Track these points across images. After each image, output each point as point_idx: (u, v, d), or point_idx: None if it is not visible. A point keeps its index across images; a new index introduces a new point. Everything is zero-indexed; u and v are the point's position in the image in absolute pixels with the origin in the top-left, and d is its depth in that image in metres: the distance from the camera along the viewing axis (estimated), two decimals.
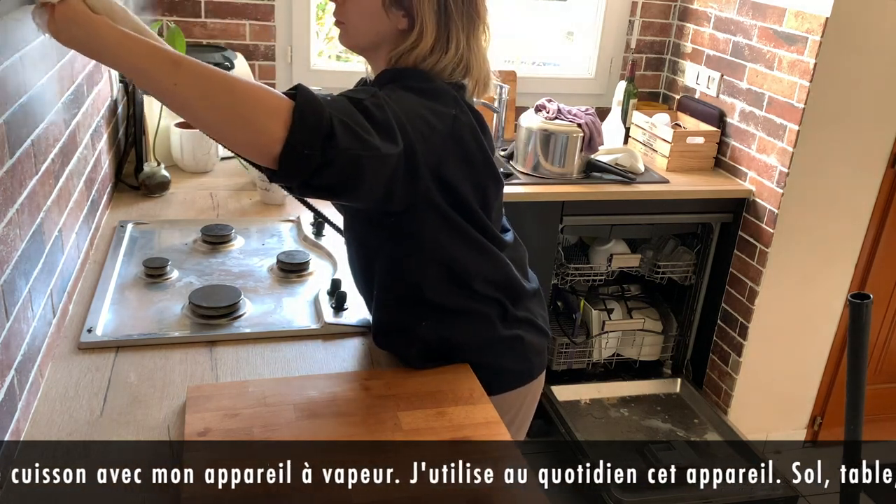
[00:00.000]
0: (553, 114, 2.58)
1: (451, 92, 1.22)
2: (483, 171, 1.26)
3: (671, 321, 3.01)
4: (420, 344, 1.32)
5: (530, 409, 1.48)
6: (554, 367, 2.89)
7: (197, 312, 1.44)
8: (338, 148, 0.99)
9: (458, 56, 1.23)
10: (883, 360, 2.97)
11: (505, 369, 1.38)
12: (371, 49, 1.27)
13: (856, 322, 1.63)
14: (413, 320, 1.31)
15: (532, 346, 1.40)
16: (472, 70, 1.26)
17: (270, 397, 1.19)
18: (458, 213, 1.25)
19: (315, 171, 1.01)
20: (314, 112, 0.99)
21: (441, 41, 1.21)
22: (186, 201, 2.01)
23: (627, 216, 2.65)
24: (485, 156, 1.25)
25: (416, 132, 1.11)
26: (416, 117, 1.12)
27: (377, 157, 1.04)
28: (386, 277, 1.31)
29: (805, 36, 2.42)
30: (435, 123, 1.15)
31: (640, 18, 3.04)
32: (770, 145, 2.58)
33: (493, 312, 1.34)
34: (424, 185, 1.16)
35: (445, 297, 1.30)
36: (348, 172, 1.03)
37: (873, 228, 2.69)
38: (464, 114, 1.22)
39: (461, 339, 1.33)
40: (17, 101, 1.11)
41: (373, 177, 1.06)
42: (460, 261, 1.28)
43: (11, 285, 1.07)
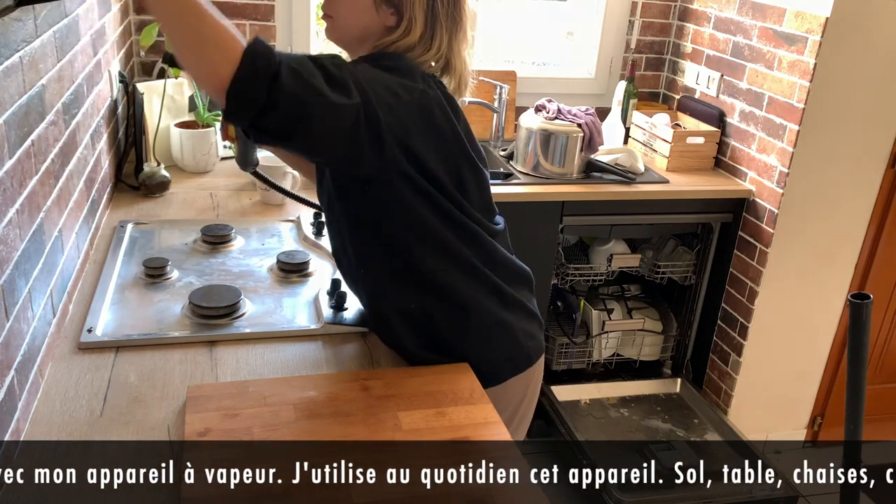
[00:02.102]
0: (553, 114, 2.58)
1: (420, 69, 1.25)
2: (454, 148, 1.28)
3: (671, 321, 3.01)
4: (413, 328, 1.33)
5: (532, 401, 1.48)
6: (554, 367, 2.89)
7: (197, 312, 1.44)
8: (282, 90, 1.03)
9: (440, 54, 1.28)
10: (883, 360, 2.97)
11: (502, 357, 1.39)
12: (356, 43, 1.30)
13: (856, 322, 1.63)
14: (405, 301, 1.33)
15: (526, 332, 1.41)
16: (452, 70, 1.31)
17: (270, 397, 1.19)
18: (438, 192, 1.26)
19: (261, 112, 1.05)
20: (264, 56, 1.03)
21: (425, 38, 1.26)
22: (186, 201, 2.01)
23: (627, 216, 2.65)
24: (455, 133, 1.28)
25: (378, 98, 1.14)
26: (379, 85, 1.16)
27: (324, 105, 1.07)
28: (375, 258, 1.32)
29: (805, 36, 2.42)
30: (401, 94, 1.18)
31: (640, 18, 3.04)
32: (770, 145, 2.58)
33: (485, 294, 1.35)
34: (391, 154, 1.18)
35: (434, 276, 1.31)
36: (293, 115, 1.06)
37: (873, 228, 2.69)
38: (432, 89, 1.25)
39: (453, 322, 1.34)
40: (17, 101, 1.11)
41: (322, 126, 1.10)
42: (445, 239, 1.29)
43: (11, 285, 1.07)
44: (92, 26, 1.74)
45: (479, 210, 1.35)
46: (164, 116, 2.18)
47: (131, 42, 2.48)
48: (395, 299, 1.34)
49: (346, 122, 1.10)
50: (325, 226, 1.42)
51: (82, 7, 1.62)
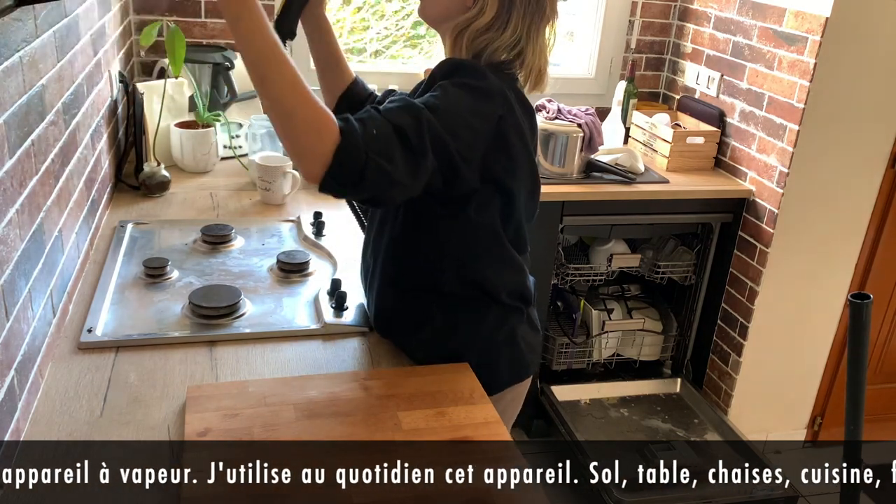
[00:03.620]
0: (553, 114, 2.58)
1: (502, 91, 1.28)
2: (525, 174, 1.34)
3: (671, 321, 3.01)
4: (425, 335, 1.36)
5: (521, 398, 1.51)
6: (554, 367, 2.89)
7: (197, 312, 1.44)
8: (365, 183, 1.13)
9: (514, 39, 1.30)
10: (883, 360, 2.97)
11: (503, 370, 1.41)
12: (441, 21, 1.36)
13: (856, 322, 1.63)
14: (424, 310, 1.36)
15: (529, 345, 1.45)
16: (525, 59, 1.33)
17: (270, 397, 1.19)
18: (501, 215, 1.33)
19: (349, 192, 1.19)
20: (352, 157, 1.10)
21: (500, 20, 1.29)
22: (186, 201, 2.01)
23: (627, 216, 2.65)
24: (529, 159, 1.35)
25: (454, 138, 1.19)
26: (459, 123, 1.21)
27: (402, 187, 1.17)
28: (418, 266, 1.36)
29: (805, 36, 2.42)
30: (477, 126, 1.23)
31: (640, 18, 3.04)
32: (770, 145, 2.58)
33: (505, 316, 1.39)
34: (465, 184, 1.25)
35: (463, 297, 1.36)
36: (376, 198, 1.21)
37: (873, 228, 2.69)
38: (511, 115, 1.29)
39: (467, 338, 1.37)
40: (17, 101, 1.11)
41: (401, 196, 1.22)
42: (489, 266, 1.36)
43: (11, 285, 1.07)
44: (92, 26, 1.74)
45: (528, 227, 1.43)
46: (164, 116, 2.18)
47: (131, 42, 2.48)
48: (423, 307, 1.37)
49: (421, 184, 1.19)
50: (368, 227, 1.46)
51: (82, 7, 1.62)
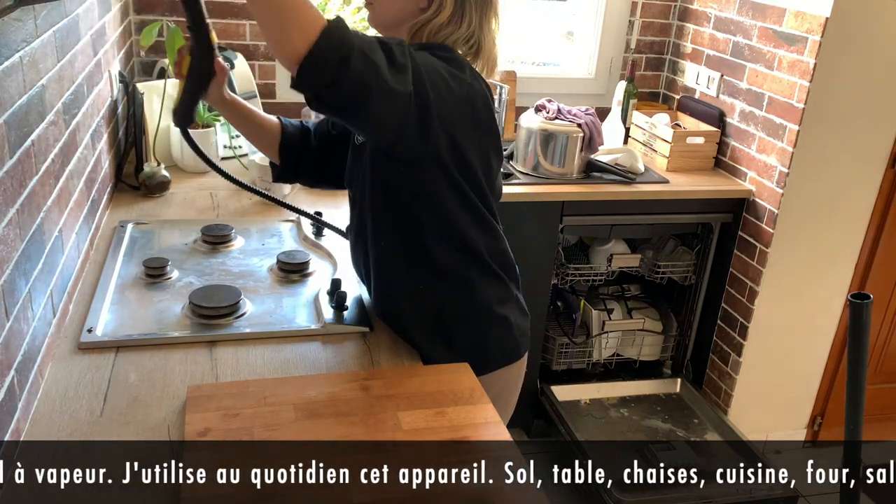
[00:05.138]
0: (553, 114, 2.58)
1: (468, 63, 1.35)
2: (490, 142, 1.38)
3: (671, 321, 3.01)
4: (417, 309, 1.40)
5: (514, 393, 1.54)
6: (554, 367, 2.89)
7: (197, 312, 1.44)
8: (348, 71, 1.11)
9: (470, 31, 1.37)
10: (883, 360, 2.97)
11: (495, 347, 1.46)
12: (394, 26, 1.39)
13: (856, 322, 1.63)
14: (414, 282, 1.39)
15: (519, 327, 1.49)
16: (482, 49, 1.39)
17: (270, 397, 1.19)
18: (465, 181, 1.34)
19: (326, 86, 1.12)
20: (339, 37, 1.10)
21: (456, 16, 1.35)
22: (186, 201, 2.01)
23: (627, 216, 2.65)
24: (493, 128, 1.38)
25: (433, 86, 1.23)
26: (436, 74, 1.25)
27: (384, 90, 1.15)
28: (395, 239, 1.38)
29: (805, 36, 2.42)
30: (453, 86, 1.27)
31: (640, 18, 3.04)
32: (770, 145, 2.58)
33: (489, 285, 1.43)
34: (434, 141, 1.27)
35: (450, 263, 1.39)
36: (354, 94, 1.14)
37: (873, 228, 2.69)
38: (477, 82, 1.34)
39: (457, 307, 1.41)
40: (17, 101, 1.11)
41: (378, 108, 1.17)
42: (464, 228, 1.38)
43: (11, 285, 1.07)
44: (92, 26, 1.74)
45: (496, 197, 1.44)
46: (164, 116, 2.18)
47: (131, 42, 2.48)
48: (405, 279, 1.41)
49: (399, 107, 1.18)
50: (350, 203, 1.50)
51: (82, 7, 1.62)
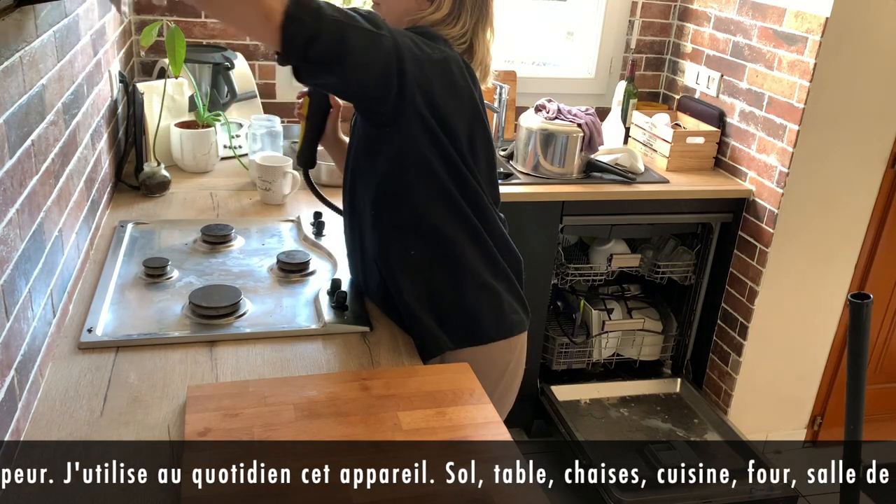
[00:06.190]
0: (553, 114, 2.58)
1: (447, 42, 1.41)
2: (469, 109, 1.42)
3: (671, 321, 3.01)
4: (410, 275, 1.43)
5: (515, 377, 1.55)
6: (554, 367, 2.89)
7: (197, 312, 1.44)
8: (324, 16, 1.19)
9: (463, 32, 1.44)
10: (883, 360, 2.97)
11: (488, 317, 1.48)
12: (398, 24, 1.43)
13: (856, 322, 1.63)
14: (406, 248, 1.43)
15: (511, 305, 1.51)
16: (474, 53, 1.46)
17: (270, 397, 1.19)
18: (451, 144, 1.38)
19: (309, 42, 1.19)
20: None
21: (452, 15, 1.43)
22: (186, 201, 2.01)
23: (627, 216, 2.65)
24: (471, 95, 1.42)
25: (406, 47, 1.29)
26: (407, 38, 1.32)
27: (362, 31, 1.23)
28: (386, 206, 1.42)
29: (805, 36, 2.42)
30: (425, 49, 1.34)
31: (640, 18, 3.04)
32: (770, 145, 2.58)
33: (479, 254, 1.46)
34: (412, 99, 1.32)
35: (437, 227, 1.42)
36: (336, 39, 1.21)
37: (873, 228, 2.69)
38: (451, 50, 1.40)
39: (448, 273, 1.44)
40: (17, 101, 1.11)
41: (360, 54, 1.24)
42: (451, 194, 1.41)
43: (11, 285, 1.07)
44: (92, 26, 1.74)
45: (484, 180, 1.47)
46: (164, 116, 2.18)
47: (131, 42, 2.48)
48: (397, 246, 1.44)
49: (381, 52, 1.26)
50: (344, 180, 1.54)
51: (82, 7, 1.62)
